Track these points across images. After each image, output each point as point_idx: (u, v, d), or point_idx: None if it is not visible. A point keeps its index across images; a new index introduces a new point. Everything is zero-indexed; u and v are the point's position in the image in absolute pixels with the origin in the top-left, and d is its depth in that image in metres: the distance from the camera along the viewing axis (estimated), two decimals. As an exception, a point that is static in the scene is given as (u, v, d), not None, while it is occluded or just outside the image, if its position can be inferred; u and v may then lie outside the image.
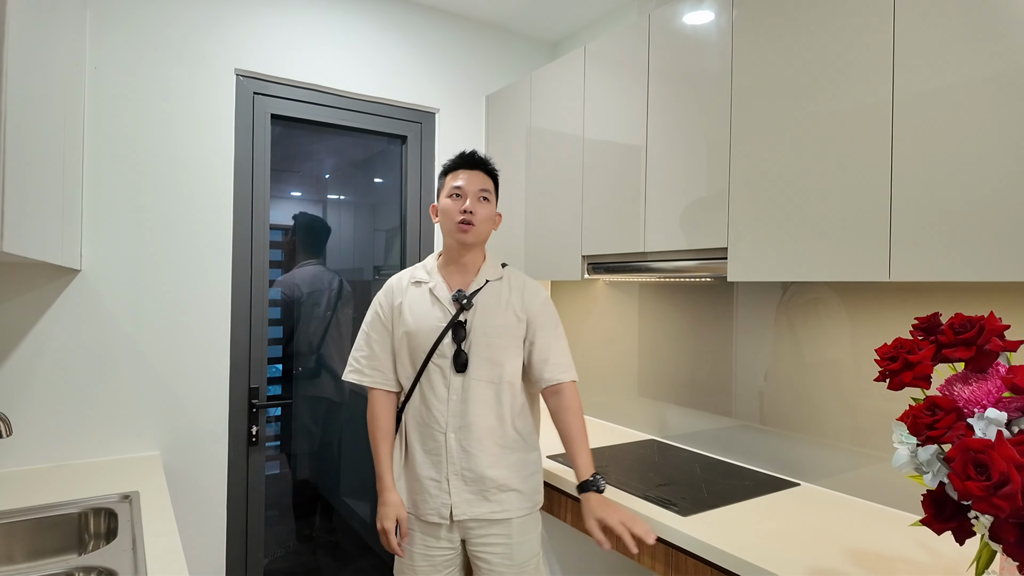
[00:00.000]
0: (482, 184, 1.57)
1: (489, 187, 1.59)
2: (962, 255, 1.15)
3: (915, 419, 0.88)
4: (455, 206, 1.55)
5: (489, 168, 1.62)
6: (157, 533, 1.33)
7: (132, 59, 1.93)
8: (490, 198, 1.59)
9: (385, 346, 1.60)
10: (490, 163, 1.63)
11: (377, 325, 1.61)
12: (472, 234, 1.55)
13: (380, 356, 1.60)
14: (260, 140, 2.17)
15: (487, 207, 1.58)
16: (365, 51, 2.38)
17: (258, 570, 2.17)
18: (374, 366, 1.60)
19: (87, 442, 1.87)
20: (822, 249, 1.39)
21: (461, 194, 1.55)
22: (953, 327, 0.91)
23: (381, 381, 1.60)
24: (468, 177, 1.57)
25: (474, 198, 1.55)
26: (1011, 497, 0.74)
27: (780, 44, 1.48)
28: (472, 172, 1.58)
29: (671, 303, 2.20)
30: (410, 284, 1.61)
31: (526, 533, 1.56)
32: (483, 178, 1.59)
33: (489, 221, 1.60)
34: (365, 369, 1.60)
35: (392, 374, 1.60)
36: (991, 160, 1.12)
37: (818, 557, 1.26)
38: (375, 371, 1.60)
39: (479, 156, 1.62)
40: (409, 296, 1.59)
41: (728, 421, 1.98)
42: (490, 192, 1.59)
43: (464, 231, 1.54)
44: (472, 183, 1.56)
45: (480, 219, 1.55)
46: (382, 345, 1.60)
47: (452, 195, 1.56)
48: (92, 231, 1.88)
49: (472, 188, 1.56)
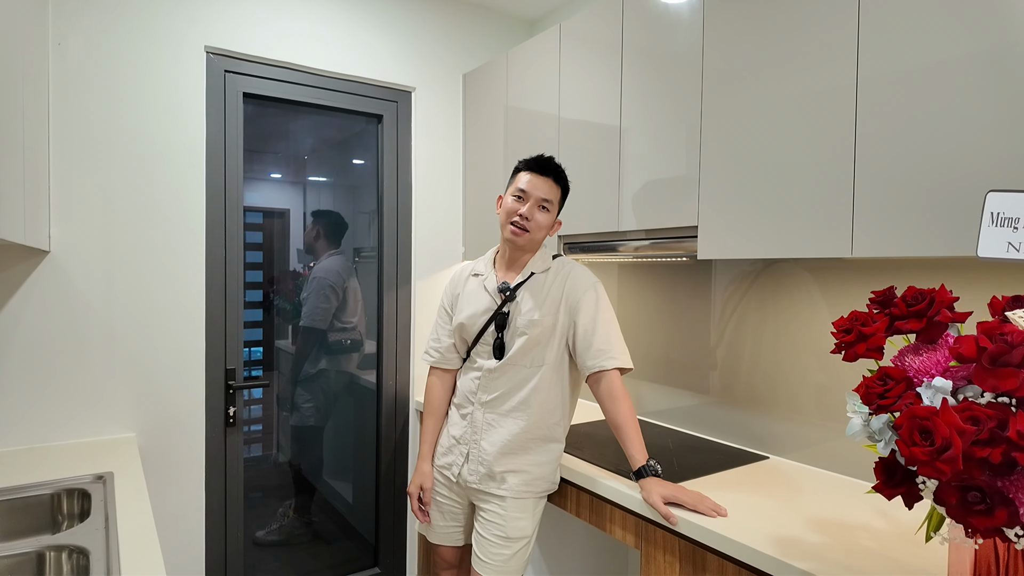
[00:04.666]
0: (547, 193, 1.60)
1: (554, 197, 1.62)
2: (916, 232, 1.18)
3: (867, 389, 0.91)
4: (514, 207, 1.61)
5: (560, 178, 1.63)
6: (130, 512, 1.33)
7: (98, 35, 1.89)
8: (551, 208, 1.62)
9: (446, 330, 1.76)
10: (563, 173, 1.64)
11: (442, 311, 1.80)
12: (523, 239, 1.62)
13: (442, 339, 1.77)
14: (232, 119, 2.14)
15: (545, 216, 1.61)
16: (339, 28, 2.34)
17: (238, 549, 2.18)
18: (436, 347, 1.78)
19: (61, 424, 1.86)
20: (788, 227, 1.41)
21: (523, 197, 1.60)
22: (906, 300, 0.94)
23: (440, 360, 1.77)
24: (536, 183, 1.60)
25: (534, 204, 1.59)
26: (953, 461, 0.77)
27: (750, 24, 1.49)
28: (541, 178, 1.61)
29: (649, 283, 2.22)
30: (470, 276, 1.76)
31: (521, 511, 1.60)
32: (551, 187, 1.61)
33: (544, 229, 1.64)
34: (430, 350, 1.79)
35: (451, 354, 1.76)
36: (944, 142, 1.14)
37: (781, 526, 1.30)
38: (436, 352, 1.78)
39: (553, 164, 1.63)
40: (467, 288, 1.74)
41: (702, 398, 2.02)
42: (552, 203, 1.62)
43: (516, 235, 1.61)
44: (537, 189, 1.60)
45: (535, 226, 1.61)
46: (443, 329, 1.77)
47: (516, 195, 1.61)
48: (60, 212, 1.85)
49: (536, 194, 1.59)
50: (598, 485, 1.58)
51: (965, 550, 0.94)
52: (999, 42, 1.08)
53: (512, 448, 1.61)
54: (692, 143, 1.64)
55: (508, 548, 1.59)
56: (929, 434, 0.79)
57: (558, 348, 1.63)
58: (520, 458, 1.61)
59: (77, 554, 1.17)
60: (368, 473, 2.58)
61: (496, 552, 1.59)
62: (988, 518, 0.78)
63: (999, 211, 0.94)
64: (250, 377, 2.31)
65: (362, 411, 2.62)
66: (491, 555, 1.59)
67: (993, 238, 0.95)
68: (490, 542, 1.60)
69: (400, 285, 2.55)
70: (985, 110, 1.09)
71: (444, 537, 1.76)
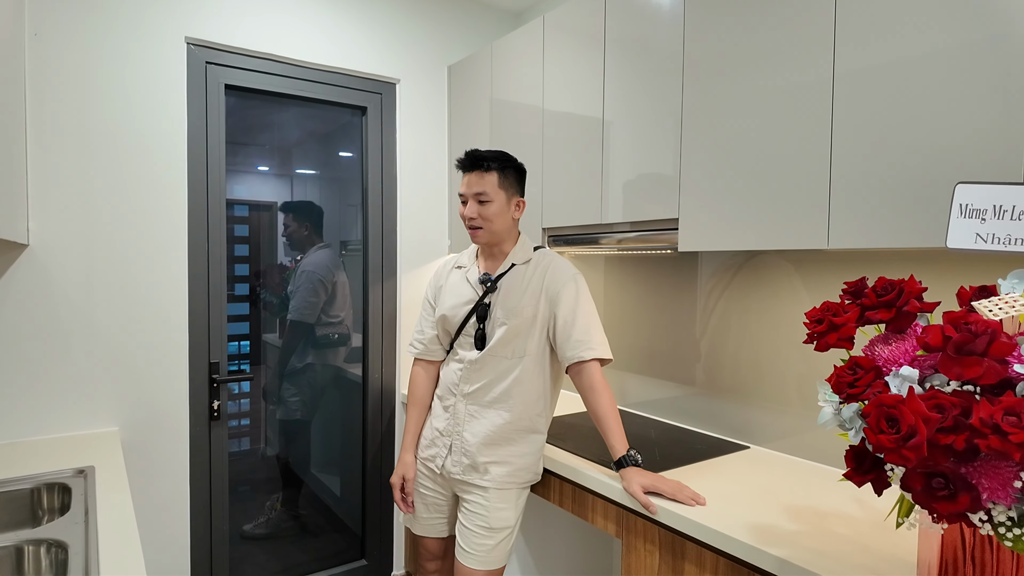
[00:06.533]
0: (479, 185, 1.60)
1: (487, 186, 1.60)
2: (890, 224, 1.20)
3: (838, 379, 0.93)
4: (462, 211, 1.64)
5: (486, 165, 1.61)
6: (111, 506, 1.33)
7: (75, 25, 1.86)
8: (490, 197, 1.61)
9: (430, 322, 1.78)
10: (484, 160, 1.61)
11: (426, 304, 1.82)
12: (482, 236, 1.64)
13: (426, 331, 1.78)
14: (214, 111, 2.13)
15: (488, 207, 1.61)
16: (322, 19, 2.33)
17: (224, 543, 2.18)
18: (419, 339, 1.80)
19: (42, 419, 1.85)
20: (767, 219, 1.42)
21: (463, 199, 1.64)
22: (876, 290, 0.95)
23: (423, 352, 1.78)
24: (467, 181, 1.62)
25: (473, 202, 1.61)
26: (918, 448, 0.78)
27: (730, 17, 1.49)
28: (469, 175, 1.62)
29: (634, 275, 2.23)
30: (453, 268, 1.78)
31: (503, 502, 1.62)
32: (480, 178, 1.61)
33: (499, 216, 1.62)
34: (414, 342, 1.81)
35: (435, 346, 1.77)
36: (916, 135, 1.15)
37: (759, 514, 1.32)
38: (420, 344, 1.79)
39: (476, 155, 1.62)
40: (450, 280, 1.76)
41: (685, 389, 2.03)
42: (488, 192, 1.61)
43: (474, 235, 1.65)
44: (470, 187, 1.61)
45: (484, 221, 1.61)
46: (427, 321, 1.79)
47: (461, 200, 1.65)
48: (39, 205, 1.83)
49: (470, 192, 1.61)
50: (580, 475, 1.59)
51: (932, 535, 0.96)
52: (971, 38, 1.09)
53: (495, 439, 1.62)
54: (674, 135, 1.64)
55: (491, 538, 1.60)
56: (895, 422, 0.80)
57: (539, 339, 1.63)
58: (503, 449, 1.62)
59: (56, 548, 1.16)
60: (355, 466, 2.59)
61: (479, 542, 1.60)
62: (952, 503, 0.79)
63: (967, 203, 0.96)
64: (235, 371, 2.30)
65: (348, 404, 2.62)
66: (474, 545, 1.60)
67: (962, 229, 0.96)
68: (473, 532, 1.61)
69: (385, 278, 2.55)
70: (955, 104, 1.11)
71: (429, 529, 1.77)
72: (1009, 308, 0.85)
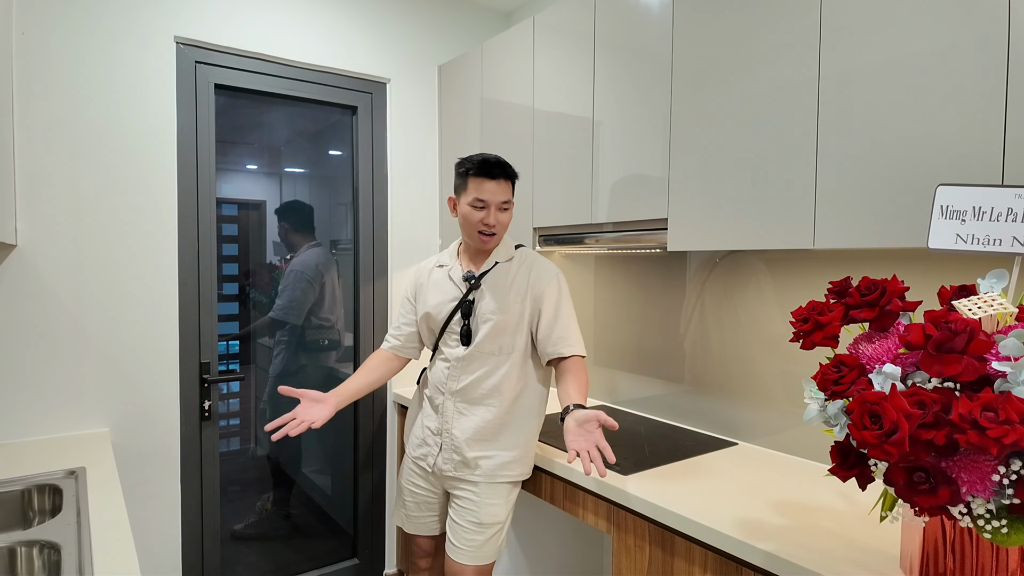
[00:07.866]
0: (505, 195, 1.62)
1: (510, 195, 1.64)
2: (874, 224, 1.22)
3: (823, 376, 0.95)
4: (477, 215, 1.62)
5: (511, 175, 1.65)
6: (103, 507, 1.33)
7: (64, 24, 1.85)
8: (510, 205, 1.66)
9: (409, 319, 1.81)
10: (510, 169, 1.65)
11: (405, 302, 1.84)
12: (493, 242, 1.67)
13: (403, 327, 1.82)
14: (204, 110, 2.12)
15: (506, 215, 1.65)
16: (313, 18, 2.32)
17: (215, 542, 2.18)
18: (395, 335, 1.83)
19: (32, 420, 1.83)
20: (755, 219, 1.44)
21: (485, 206, 1.61)
22: (860, 289, 0.97)
23: (397, 348, 1.83)
24: (493, 189, 1.61)
25: (497, 210, 1.62)
26: (900, 443, 0.80)
27: (718, 19, 1.51)
28: (495, 182, 1.61)
29: (624, 274, 2.25)
30: (434, 267, 1.79)
31: (494, 497, 1.63)
32: (506, 188, 1.63)
33: (508, 223, 1.68)
34: (390, 337, 1.84)
35: (410, 343, 1.82)
36: (899, 137, 1.18)
37: (746, 509, 1.34)
38: (396, 339, 1.83)
39: (503, 164, 1.63)
40: (432, 278, 1.77)
41: (674, 386, 2.06)
42: (510, 200, 1.65)
43: (485, 241, 1.65)
44: (496, 195, 1.61)
45: (501, 228, 1.66)
46: (405, 319, 1.82)
47: (476, 205, 1.62)
48: (27, 205, 1.82)
49: (496, 200, 1.61)
50: (570, 472, 1.61)
51: (915, 528, 0.98)
52: (953, 42, 1.11)
53: (484, 435, 1.64)
54: (663, 136, 1.66)
55: (481, 534, 1.62)
56: (878, 418, 0.83)
57: (526, 336, 1.66)
58: (492, 444, 1.64)
59: (49, 549, 1.16)
60: (346, 465, 2.59)
61: (469, 538, 1.61)
62: (932, 497, 0.82)
63: (948, 204, 0.98)
64: (225, 371, 2.30)
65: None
66: (465, 541, 1.62)
67: (943, 230, 0.99)
68: (464, 528, 1.63)
69: (376, 277, 2.55)
70: (937, 107, 1.13)
71: (420, 527, 1.78)
72: (988, 307, 0.88)
